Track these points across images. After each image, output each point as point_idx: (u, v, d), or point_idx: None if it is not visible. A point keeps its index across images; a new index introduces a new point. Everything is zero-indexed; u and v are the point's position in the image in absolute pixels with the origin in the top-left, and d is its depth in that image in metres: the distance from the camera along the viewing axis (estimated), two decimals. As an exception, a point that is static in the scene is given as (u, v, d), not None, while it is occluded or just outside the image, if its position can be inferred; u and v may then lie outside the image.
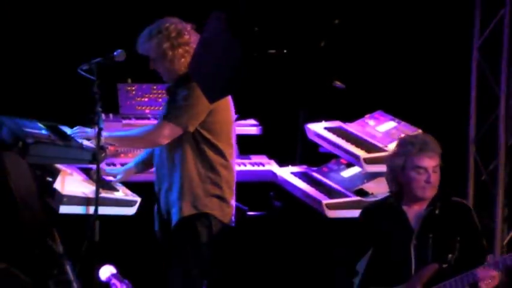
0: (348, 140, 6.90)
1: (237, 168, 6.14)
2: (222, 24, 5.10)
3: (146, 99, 7.02)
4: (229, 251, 6.29)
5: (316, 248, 7.07)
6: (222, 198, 5.71)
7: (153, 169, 6.06)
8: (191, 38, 5.68)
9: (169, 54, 5.70)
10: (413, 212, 5.18)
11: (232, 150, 5.92)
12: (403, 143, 5.29)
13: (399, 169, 5.21)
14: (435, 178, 5.19)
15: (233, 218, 6.00)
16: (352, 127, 7.09)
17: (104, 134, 5.73)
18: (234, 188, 6.02)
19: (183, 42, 5.73)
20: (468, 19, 7.10)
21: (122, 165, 6.54)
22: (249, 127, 7.19)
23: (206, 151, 5.69)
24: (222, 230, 5.85)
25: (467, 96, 7.16)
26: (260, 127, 7.01)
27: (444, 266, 5.10)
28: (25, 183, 5.95)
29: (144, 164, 6.00)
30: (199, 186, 5.72)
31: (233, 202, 5.95)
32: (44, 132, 6.08)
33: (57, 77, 7.06)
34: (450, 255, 5.10)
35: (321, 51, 6.61)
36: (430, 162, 5.18)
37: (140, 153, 6.27)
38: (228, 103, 5.75)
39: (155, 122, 6.38)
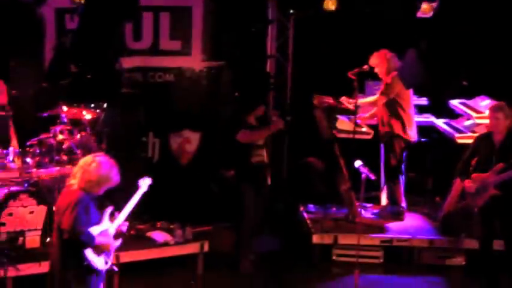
0: (468, 108, 9.98)
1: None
2: (414, 56, 8.80)
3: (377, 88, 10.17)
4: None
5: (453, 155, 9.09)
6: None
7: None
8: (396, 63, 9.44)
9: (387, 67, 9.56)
10: (497, 140, 7.78)
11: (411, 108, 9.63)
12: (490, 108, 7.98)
13: (490, 119, 7.89)
14: (500, 123, 7.73)
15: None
16: (469, 102, 10.02)
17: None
18: (412, 123, 9.52)
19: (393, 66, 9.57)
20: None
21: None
22: (420, 100, 10.38)
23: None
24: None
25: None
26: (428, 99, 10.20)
27: (507, 165, 7.60)
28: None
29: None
30: None
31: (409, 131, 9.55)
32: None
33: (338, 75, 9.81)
34: (510, 161, 7.63)
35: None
36: (496, 115, 7.74)
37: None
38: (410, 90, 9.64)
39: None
